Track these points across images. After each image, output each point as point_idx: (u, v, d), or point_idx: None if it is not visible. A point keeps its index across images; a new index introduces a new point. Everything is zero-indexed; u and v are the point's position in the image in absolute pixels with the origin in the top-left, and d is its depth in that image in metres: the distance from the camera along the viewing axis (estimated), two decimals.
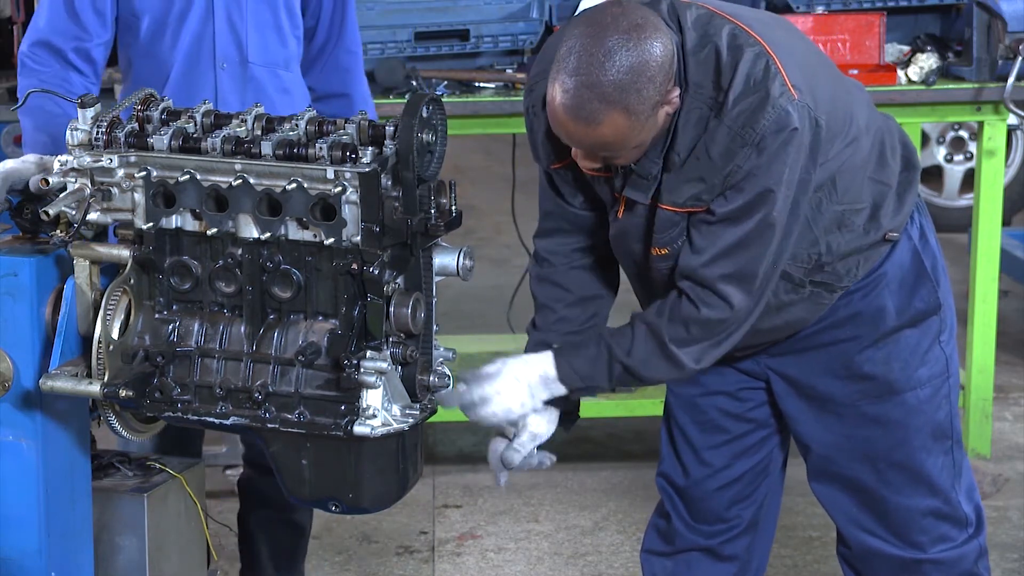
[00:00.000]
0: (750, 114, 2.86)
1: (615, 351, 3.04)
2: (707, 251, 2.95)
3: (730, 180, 2.90)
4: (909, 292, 3.18)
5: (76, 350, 2.90)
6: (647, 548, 3.50)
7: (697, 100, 2.90)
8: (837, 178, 3.04)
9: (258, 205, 2.81)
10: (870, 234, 3.11)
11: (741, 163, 2.88)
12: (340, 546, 4.71)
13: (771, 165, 2.87)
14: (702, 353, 3.02)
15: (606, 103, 2.79)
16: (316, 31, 3.81)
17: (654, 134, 2.89)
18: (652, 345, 3.02)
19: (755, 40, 2.91)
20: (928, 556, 3.26)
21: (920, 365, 3.20)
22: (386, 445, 2.83)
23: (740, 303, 2.97)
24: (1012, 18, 4.95)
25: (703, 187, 2.92)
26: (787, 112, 2.86)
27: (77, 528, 3.02)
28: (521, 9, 5.14)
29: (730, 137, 2.87)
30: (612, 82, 2.78)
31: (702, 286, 2.97)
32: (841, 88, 3.07)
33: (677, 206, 2.96)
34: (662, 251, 3.03)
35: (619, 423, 5.57)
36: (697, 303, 2.97)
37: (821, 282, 3.11)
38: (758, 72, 2.88)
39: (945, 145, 8.10)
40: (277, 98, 3.67)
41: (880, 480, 3.24)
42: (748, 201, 2.90)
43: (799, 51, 3.01)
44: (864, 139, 3.07)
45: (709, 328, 2.99)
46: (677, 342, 2.99)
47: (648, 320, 3.03)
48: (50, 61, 3.59)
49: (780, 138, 2.86)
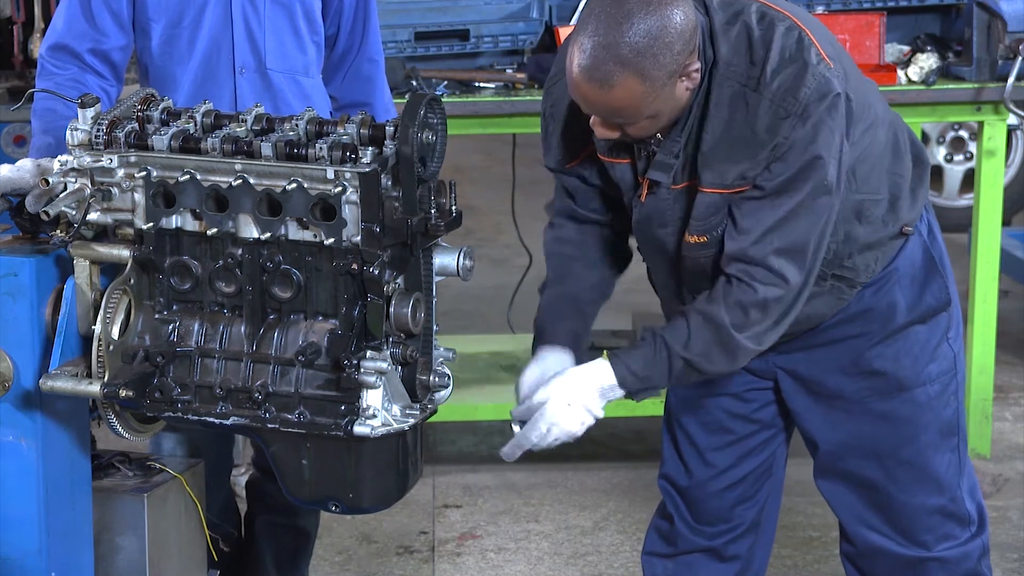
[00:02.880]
0: (791, 84, 2.87)
1: (673, 346, 3.00)
2: (755, 230, 2.93)
3: (777, 152, 2.89)
4: (920, 288, 3.18)
5: (76, 350, 2.90)
6: (648, 550, 3.49)
7: (729, 78, 2.91)
8: (857, 166, 3.04)
9: (258, 205, 2.81)
10: (889, 226, 3.11)
11: (787, 134, 2.87)
12: (340, 546, 4.71)
13: (817, 132, 2.87)
14: (763, 335, 2.99)
15: (621, 65, 2.79)
16: (337, 39, 3.79)
17: (671, 108, 2.89)
18: (710, 334, 2.98)
19: (784, 15, 2.94)
20: (933, 554, 3.26)
21: (930, 361, 3.20)
22: (386, 445, 2.83)
23: (794, 278, 2.94)
24: (1012, 18, 4.95)
25: (748, 164, 2.91)
26: (827, 79, 2.88)
27: (77, 528, 3.02)
28: (521, 9, 5.14)
29: (773, 110, 2.88)
30: (628, 44, 2.78)
31: (755, 265, 2.94)
32: (857, 75, 3.08)
33: (725, 187, 2.94)
34: (700, 239, 3.00)
35: (619, 423, 5.57)
36: (752, 284, 2.94)
37: (841, 276, 3.11)
38: (792, 44, 2.89)
39: (945, 145, 8.11)
40: (297, 104, 3.66)
41: (888, 477, 3.23)
42: (797, 171, 2.89)
43: (823, 31, 3.03)
44: (881, 129, 3.08)
45: (767, 308, 2.96)
46: (737, 327, 2.96)
47: (702, 310, 2.99)
48: (67, 64, 3.58)
49: (824, 104, 2.87)
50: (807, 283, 2.98)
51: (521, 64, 5.12)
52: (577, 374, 3.04)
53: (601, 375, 3.03)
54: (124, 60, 3.66)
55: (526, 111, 4.89)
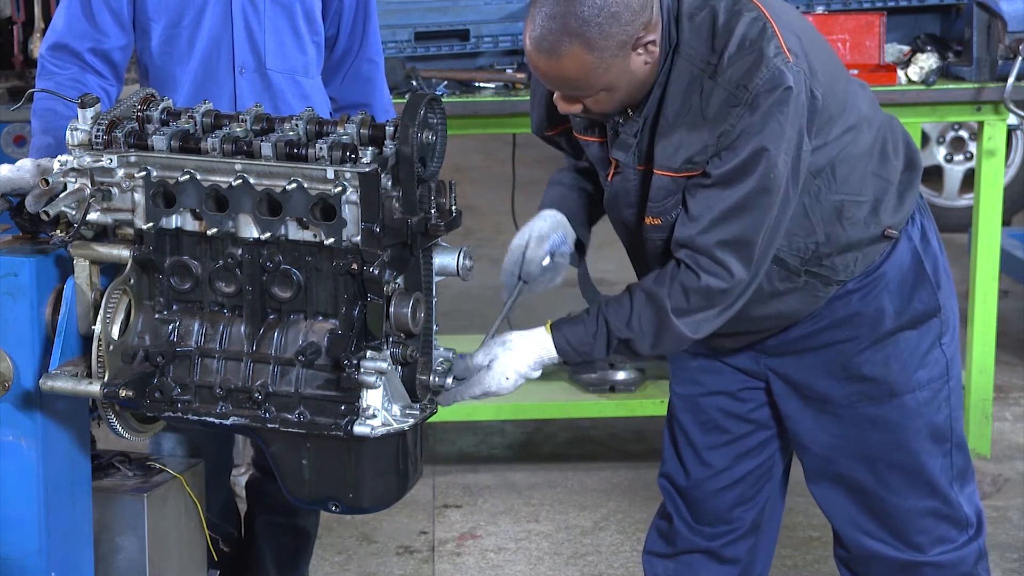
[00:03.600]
0: (744, 73, 2.88)
1: (613, 323, 3.03)
2: (703, 217, 2.94)
3: (724, 140, 2.90)
4: (908, 293, 3.18)
5: (76, 350, 2.90)
6: (648, 549, 3.49)
7: (689, 62, 2.93)
8: (836, 166, 3.04)
9: (258, 205, 2.81)
10: (870, 228, 3.10)
11: (734, 122, 2.89)
12: (340, 546, 4.71)
13: (765, 124, 2.88)
14: (701, 323, 3.00)
15: (568, 35, 2.83)
16: (337, 40, 3.79)
17: (627, 81, 2.91)
18: (651, 316, 3.00)
19: (754, 5, 2.94)
20: (928, 558, 3.25)
21: (919, 367, 3.19)
22: (386, 445, 2.83)
23: (739, 272, 2.95)
24: (1012, 18, 4.95)
25: (697, 149, 2.92)
26: (781, 72, 2.88)
27: (77, 528, 3.02)
28: (521, 9, 5.14)
29: (724, 97, 2.89)
30: (575, 14, 2.82)
31: (700, 254, 2.95)
32: (841, 75, 3.08)
33: (673, 171, 2.96)
34: (655, 221, 3.03)
35: (619, 423, 5.57)
36: (697, 271, 2.96)
37: (816, 273, 3.11)
38: (753, 33, 2.90)
39: (945, 145, 8.10)
40: (297, 105, 3.66)
41: (879, 481, 3.23)
42: (743, 160, 2.89)
43: (799, 26, 3.03)
44: (866, 131, 3.08)
45: (709, 297, 2.97)
46: (678, 312, 2.98)
47: (647, 289, 3.02)
48: (68, 63, 3.58)
49: (773, 96, 2.87)
50: (754, 277, 2.99)
51: (521, 64, 5.12)
52: (518, 345, 3.06)
53: (542, 346, 3.06)
54: (124, 60, 3.66)
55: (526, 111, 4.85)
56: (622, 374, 5.12)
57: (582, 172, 3.28)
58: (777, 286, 3.10)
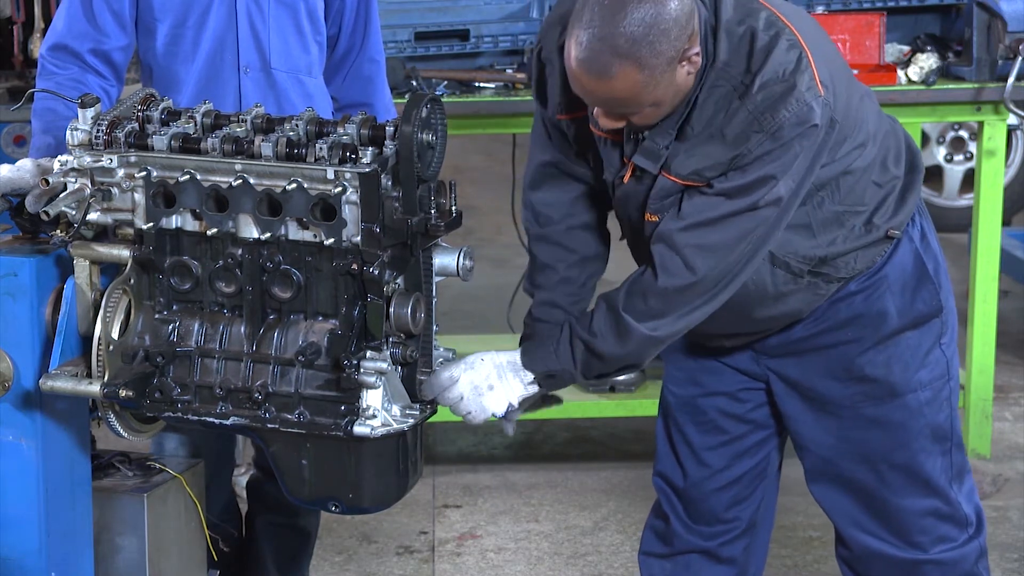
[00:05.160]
0: (773, 102, 2.86)
1: (576, 329, 3.02)
2: (691, 218, 2.94)
3: (737, 162, 2.89)
4: (911, 294, 3.18)
5: (76, 350, 2.90)
6: (645, 550, 3.49)
7: (723, 77, 2.90)
8: (842, 179, 3.04)
9: (258, 205, 2.81)
10: (871, 232, 3.11)
11: (752, 148, 2.88)
12: (340, 546, 4.71)
13: (782, 155, 2.87)
14: (661, 326, 2.98)
15: (618, 56, 2.79)
16: (338, 39, 3.79)
17: (674, 94, 2.88)
18: (609, 318, 3.00)
19: (790, 30, 2.92)
20: (929, 557, 3.26)
21: (921, 367, 3.20)
22: (386, 445, 2.83)
23: (702, 271, 2.93)
24: (1012, 18, 4.95)
25: (709, 164, 2.91)
26: (811, 108, 2.87)
27: (77, 528, 3.02)
28: (521, 9, 5.14)
29: (748, 121, 2.87)
30: (624, 35, 2.78)
31: (673, 251, 2.94)
32: (855, 92, 3.07)
33: (680, 178, 2.95)
34: (653, 217, 3.02)
35: (619, 423, 5.57)
36: (658, 271, 2.95)
37: (819, 273, 3.11)
38: (790, 62, 2.88)
39: (945, 145, 8.10)
40: (300, 104, 3.66)
41: (880, 481, 3.24)
42: (749, 182, 2.89)
43: (826, 49, 3.02)
44: (871, 146, 3.08)
45: (667, 299, 2.96)
46: (633, 313, 2.97)
47: (608, 295, 3.02)
48: (68, 64, 3.58)
49: (797, 131, 2.87)
50: (718, 287, 2.96)
51: (521, 64, 5.12)
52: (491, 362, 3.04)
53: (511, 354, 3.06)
54: (125, 60, 3.66)
55: (526, 111, 4.88)
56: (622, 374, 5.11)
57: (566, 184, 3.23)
58: (781, 288, 3.10)
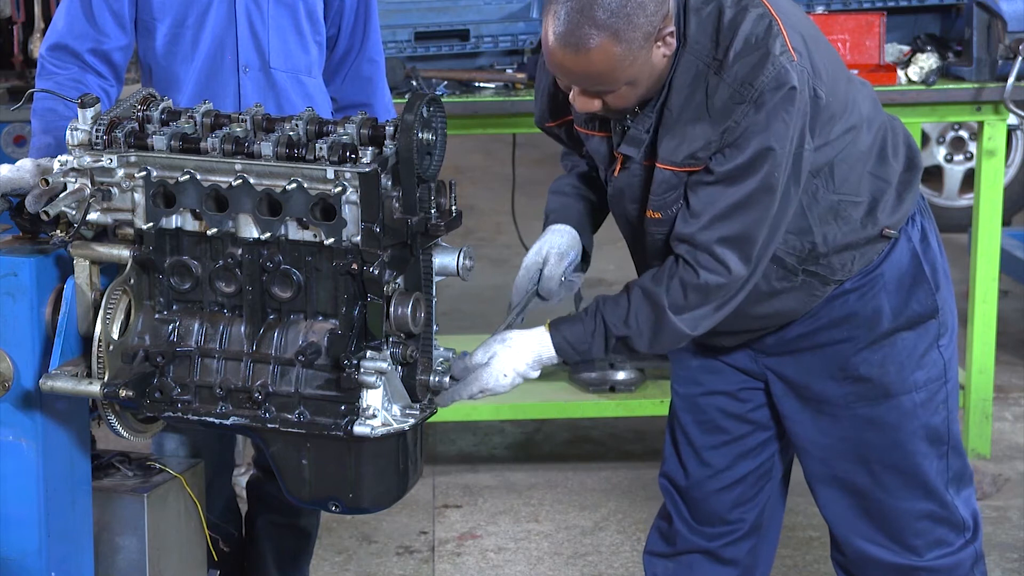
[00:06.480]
0: (749, 70, 2.88)
1: (610, 321, 3.03)
2: (705, 214, 2.94)
3: (727, 137, 2.90)
4: (906, 294, 3.17)
5: (76, 350, 2.90)
6: (649, 549, 3.50)
7: (695, 56, 2.92)
8: (835, 166, 3.04)
9: (258, 205, 2.81)
10: (867, 228, 3.11)
11: (739, 119, 2.88)
12: (340, 546, 4.71)
13: (770, 123, 2.88)
14: (699, 320, 3.00)
15: (596, 27, 2.80)
16: (338, 40, 3.79)
17: (649, 74, 2.89)
18: (648, 313, 3.00)
19: (759, 2, 2.94)
20: (924, 562, 3.25)
21: (916, 369, 3.19)
22: (386, 445, 2.83)
23: (736, 268, 2.95)
24: (1012, 18, 4.95)
25: (700, 144, 2.92)
26: (786, 70, 2.87)
27: (77, 528, 3.02)
28: (521, 9, 5.14)
29: (729, 94, 2.89)
30: (601, 6, 2.80)
31: (700, 250, 2.95)
32: (843, 74, 3.08)
33: (676, 165, 2.95)
34: (655, 214, 3.02)
35: (619, 423, 5.57)
36: (696, 268, 2.96)
37: (814, 272, 3.11)
38: (760, 31, 2.90)
39: (945, 145, 8.10)
40: (300, 104, 3.67)
41: (875, 482, 3.23)
42: (748, 159, 2.89)
43: (803, 25, 3.03)
44: (865, 131, 3.08)
45: (707, 294, 2.97)
46: (675, 309, 2.98)
47: (644, 287, 3.02)
48: (68, 64, 3.58)
49: (779, 95, 2.87)
50: (753, 274, 2.99)
51: (521, 64, 5.12)
52: (517, 344, 3.05)
53: (541, 345, 3.05)
54: (125, 60, 3.66)
55: (526, 111, 4.88)
56: (622, 374, 5.12)
57: (582, 177, 3.28)
58: (775, 285, 3.10)
